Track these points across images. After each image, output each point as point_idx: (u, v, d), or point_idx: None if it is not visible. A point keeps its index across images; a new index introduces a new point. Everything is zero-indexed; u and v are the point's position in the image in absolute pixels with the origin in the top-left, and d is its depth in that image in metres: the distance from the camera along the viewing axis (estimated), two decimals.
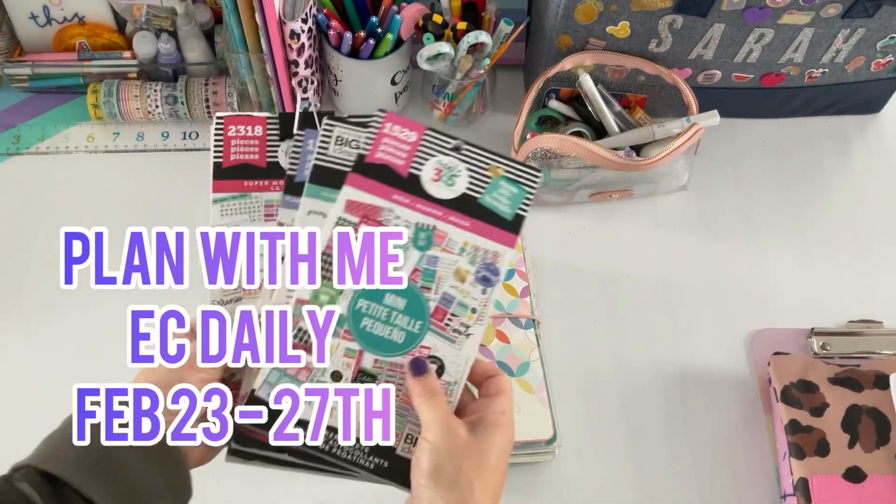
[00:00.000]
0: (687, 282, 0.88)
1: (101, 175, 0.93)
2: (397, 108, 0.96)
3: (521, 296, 0.83)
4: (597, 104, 0.88)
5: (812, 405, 0.75)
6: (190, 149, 0.95)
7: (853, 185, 0.95)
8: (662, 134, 0.86)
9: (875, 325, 0.84)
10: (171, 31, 0.93)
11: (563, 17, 0.83)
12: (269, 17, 0.80)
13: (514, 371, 0.78)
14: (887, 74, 0.92)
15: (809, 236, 0.91)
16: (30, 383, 0.80)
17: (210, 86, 0.93)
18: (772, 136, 0.98)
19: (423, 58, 0.85)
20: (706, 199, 0.93)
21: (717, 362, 0.84)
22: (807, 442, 0.73)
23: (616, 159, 0.82)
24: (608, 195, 0.90)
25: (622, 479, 0.78)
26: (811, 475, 0.72)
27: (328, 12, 0.86)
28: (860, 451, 0.73)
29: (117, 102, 0.93)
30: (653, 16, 0.82)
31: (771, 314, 0.86)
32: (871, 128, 0.99)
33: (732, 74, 0.90)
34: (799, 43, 0.86)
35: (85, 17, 0.94)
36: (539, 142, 0.83)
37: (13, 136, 0.95)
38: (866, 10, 0.81)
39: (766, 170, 0.96)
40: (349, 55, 0.88)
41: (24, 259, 0.87)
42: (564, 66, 0.87)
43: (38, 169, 0.93)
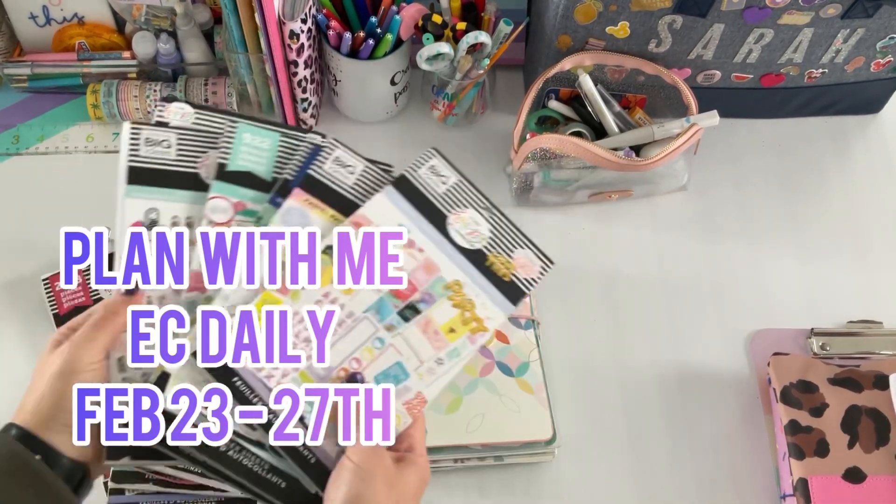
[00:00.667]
0: (687, 282, 0.88)
1: (100, 175, 0.93)
2: (397, 108, 0.96)
3: None
4: (596, 104, 0.88)
5: (812, 405, 0.75)
6: None
7: (853, 185, 0.95)
8: (662, 134, 0.86)
9: (875, 325, 0.84)
10: (170, 31, 0.93)
11: (562, 17, 0.83)
12: (269, 17, 0.80)
13: (514, 371, 0.78)
14: (887, 74, 0.92)
15: (809, 236, 0.91)
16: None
17: (209, 86, 0.93)
18: (771, 136, 0.98)
19: (423, 58, 0.85)
20: (706, 200, 0.93)
21: (716, 362, 0.84)
22: (806, 442, 0.73)
23: (615, 160, 0.82)
24: (608, 195, 0.90)
25: (622, 480, 0.78)
26: (811, 475, 0.72)
27: (327, 12, 0.86)
28: (860, 452, 0.73)
29: (117, 103, 0.93)
30: (652, 16, 0.82)
31: (771, 314, 0.86)
32: (871, 128, 0.99)
33: (732, 74, 0.90)
34: (799, 43, 0.86)
35: (84, 18, 0.94)
36: (539, 142, 0.83)
37: (13, 137, 0.95)
38: (866, 10, 0.81)
39: (765, 170, 0.95)
40: (349, 55, 0.88)
41: (24, 259, 0.87)
42: (564, 67, 0.87)
43: (38, 169, 0.93)
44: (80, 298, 0.83)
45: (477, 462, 0.77)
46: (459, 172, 0.65)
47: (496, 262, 0.63)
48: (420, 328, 0.60)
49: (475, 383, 0.77)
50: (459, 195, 0.64)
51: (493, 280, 0.62)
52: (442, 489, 0.77)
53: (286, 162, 0.63)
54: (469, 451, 0.76)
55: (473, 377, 0.77)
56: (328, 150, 0.63)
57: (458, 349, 0.60)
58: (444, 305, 0.61)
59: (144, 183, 0.60)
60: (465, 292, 0.62)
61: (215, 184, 0.60)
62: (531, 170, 0.86)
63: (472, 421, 0.75)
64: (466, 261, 0.62)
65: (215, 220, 0.59)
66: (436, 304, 0.61)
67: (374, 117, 0.96)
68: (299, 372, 0.57)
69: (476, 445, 0.75)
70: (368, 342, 0.59)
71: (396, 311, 0.60)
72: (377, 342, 0.59)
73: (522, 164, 0.86)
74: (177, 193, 0.60)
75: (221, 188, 0.60)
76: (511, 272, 0.63)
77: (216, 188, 0.60)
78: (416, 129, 0.97)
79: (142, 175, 0.60)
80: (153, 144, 0.61)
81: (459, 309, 0.61)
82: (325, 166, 0.62)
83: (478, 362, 0.78)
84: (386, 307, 0.60)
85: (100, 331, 0.56)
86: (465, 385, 0.77)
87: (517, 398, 0.77)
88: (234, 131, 0.62)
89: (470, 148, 0.95)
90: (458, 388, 0.77)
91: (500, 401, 0.77)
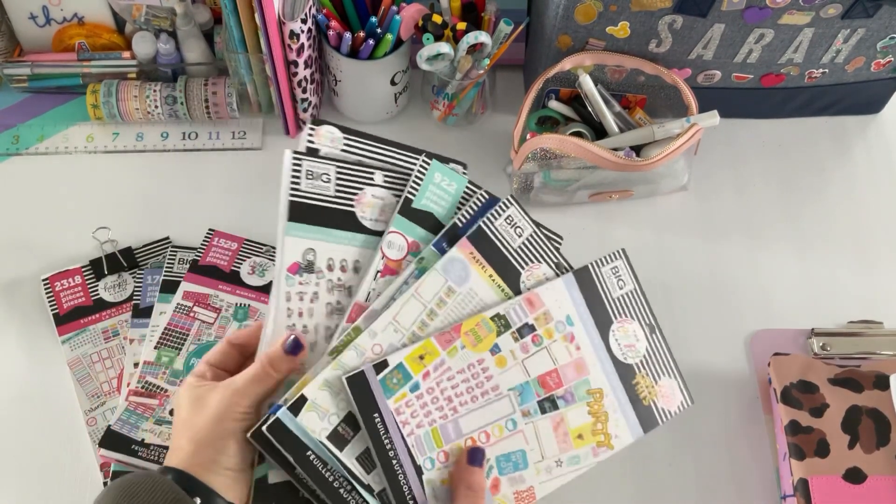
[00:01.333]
0: (687, 282, 0.88)
1: (100, 175, 0.93)
2: (397, 108, 0.96)
3: None
4: (596, 104, 0.88)
5: (812, 406, 0.75)
6: (189, 149, 0.95)
7: (853, 185, 0.95)
8: (662, 134, 0.86)
9: (875, 325, 0.84)
10: (170, 31, 0.93)
11: (562, 17, 0.83)
12: (269, 17, 0.80)
13: None
14: (887, 74, 0.92)
15: (809, 236, 0.91)
16: (29, 383, 0.80)
17: (209, 86, 0.93)
18: (772, 136, 0.98)
19: (423, 58, 0.85)
20: (706, 200, 0.93)
21: (716, 362, 0.84)
22: (807, 442, 0.73)
23: (616, 160, 0.82)
24: (608, 195, 0.90)
25: (622, 479, 0.78)
26: (811, 476, 0.72)
27: (327, 12, 0.86)
28: (860, 452, 0.73)
29: (116, 103, 0.93)
30: (653, 16, 0.82)
31: (771, 314, 0.86)
32: (871, 128, 0.99)
33: (732, 75, 0.90)
34: (799, 43, 0.86)
35: (84, 18, 0.94)
36: (539, 142, 0.83)
37: (12, 137, 0.95)
38: (866, 10, 0.81)
39: (766, 170, 0.95)
40: (349, 55, 0.87)
41: (24, 259, 0.87)
42: (564, 67, 0.87)
43: (38, 169, 0.93)
44: (80, 298, 0.83)
45: None
46: (637, 282, 0.67)
47: (642, 383, 0.64)
48: (552, 424, 0.61)
49: None
50: (631, 304, 0.66)
51: (633, 399, 0.64)
52: None
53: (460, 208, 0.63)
54: None
55: None
56: (503, 207, 0.63)
57: (578, 457, 0.61)
58: (580, 409, 0.62)
59: (304, 220, 0.59)
60: (603, 403, 0.63)
61: (397, 218, 0.60)
62: (531, 170, 0.86)
63: None
64: (615, 373, 0.63)
65: (389, 255, 0.59)
66: (574, 405, 0.62)
67: (374, 117, 0.96)
68: (432, 428, 0.58)
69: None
70: (502, 420, 0.60)
71: (537, 400, 0.61)
72: (510, 423, 0.60)
73: (522, 164, 0.85)
74: (334, 234, 0.60)
75: (401, 224, 0.60)
76: (652, 398, 0.64)
77: (397, 223, 0.60)
78: (416, 129, 0.97)
79: (302, 211, 0.60)
80: (313, 178, 0.61)
81: (593, 418, 0.62)
82: (497, 222, 0.63)
83: None
84: (529, 392, 0.61)
85: (260, 384, 0.57)
86: None
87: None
88: (426, 170, 0.62)
89: (470, 148, 0.95)
90: None
91: None
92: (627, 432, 0.63)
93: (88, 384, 0.79)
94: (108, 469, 0.74)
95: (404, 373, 0.57)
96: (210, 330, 0.80)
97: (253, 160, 0.94)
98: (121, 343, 0.81)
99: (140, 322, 0.81)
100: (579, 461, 0.61)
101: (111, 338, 0.81)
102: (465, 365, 0.59)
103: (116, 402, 0.78)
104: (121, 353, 0.80)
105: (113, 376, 0.79)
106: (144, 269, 0.84)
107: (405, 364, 0.58)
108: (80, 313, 0.82)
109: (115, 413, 0.75)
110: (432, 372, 0.58)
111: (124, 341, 0.80)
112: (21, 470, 0.76)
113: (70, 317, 0.82)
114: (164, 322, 0.80)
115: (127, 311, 0.82)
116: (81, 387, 0.79)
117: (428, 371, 0.58)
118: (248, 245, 0.85)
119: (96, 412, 0.78)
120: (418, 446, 0.57)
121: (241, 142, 0.95)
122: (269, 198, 0.93)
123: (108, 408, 0.78)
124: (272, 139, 0.96)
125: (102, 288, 0.83)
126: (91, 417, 0.77)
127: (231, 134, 0.95)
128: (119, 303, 0.83)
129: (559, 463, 0.60)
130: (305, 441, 0.55)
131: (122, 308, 0.82)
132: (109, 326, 0.82)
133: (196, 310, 0.81)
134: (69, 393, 0.79)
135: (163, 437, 0.74)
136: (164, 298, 0.82)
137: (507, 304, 0.61)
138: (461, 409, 0.59)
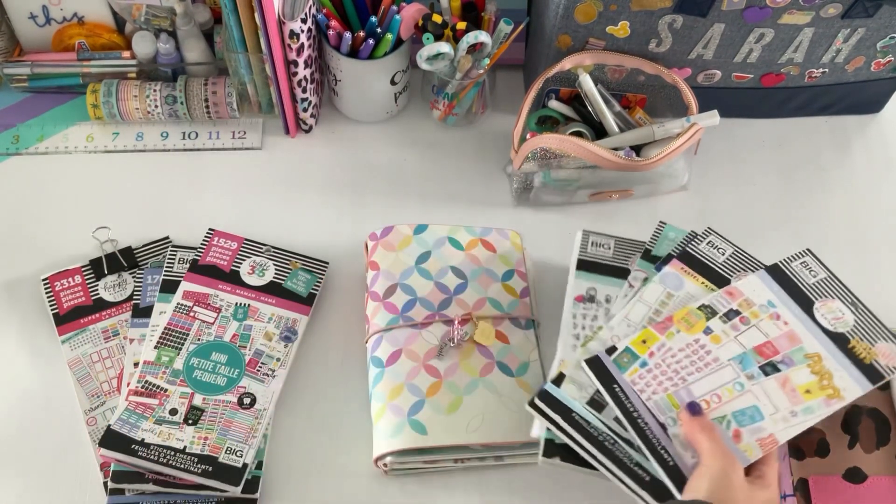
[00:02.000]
0: None
1: (100, 175, 0.93)
2: (397, 108, 0.96)
3: (520, 296, 0.83)
4: (596, 104, 0.88)
5: None
6: (189, 149, 0.95)
7: (853, 184, 0.95)
8: (662, 134, 0.86)
9: None
10: (170, 31, 0.93)
11: (562, 17, 0.83)
12: (269, 17, 0.80)
13: (514, 371, 0.78)
14: (887, 74, 0.92)
15: (809, 236, 0.91)
16: (29, 383, 0.80)
17: (209, 86, 0.93)
18: (772, 135, 0.98)
19: (423, 58, 0.85)
20: (706, 199, 0.93)
21: None
22: (806, 442, 0.73)
23: (616, 159, 0.82)
24: (608, 195, 0.90)
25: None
26: (811, 476, 0.72)
27: (327, 12, 0.86)
28: (860, 452, 0.73)
29: (116, 102, 0.93)
30: (653, 16, 0.82)
31: None
32: (871, 128, 0.99)
33: (732, 74, 0.90)
34: (799, 43, 0.86)
35: (84, 17, 0.94)
36: (539, 142, 0.83)
37: (12, 137, 0.95)
38: (866, 10, 0.81)
39: (766, 169, 0.95)
40: (348, 55, 0.88)
41: (24, 259, 0.87)
42: (564, 66, 0.87)
43: (38, 169, 0.93)
44: (80, 298, 0.83)
45: (477, 462, 0.76)
46: (830, 271, 0.76)
47: (858, 346, 0.71)
48: (778, 383, 0.70)
49: (475, 383, 0.77)
50: (828, 288, 0.75)
51: (854, 360, 0.71)
52: (442, 489, 0.76)
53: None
54: (469, 451, 0.76)
55: (473, 377, 0.77)
56: (704, 235, 0.79)
57: (812, 408, 0.69)
58: (802, 370, 0.70)
59: (588, 270, 0.80)
60: (824, 364, 0.70)
61: (639, 261, 0.79)
62: (531, 169, 0.86)
63: (472, 421, 0.75)
64: (829, 340, 0.72)
65: (632, 283, 0.77)
66: (795, 367, 0.70)
67: (374, 117, 0.96)
68: (667, 394, 0.70)
69: (476, 445, 0.75)
70: (729, 384, 0.70)
71: (758, 366, 0.71)
72: (738, 385, 0.70)
73: (523, 163, 0.85)
74: (610, 280, 0.79)
75: (642, 264, 0.79)
76: (873, 358, 0.71)
77: (639, 264, 0.79)
78: (416, 129, 0.97)
79: (587, 265, 0.80)
80: (597, 246, 0.81)
81: (817, 376, 0.70)
82: (700, 246, 0.79)
83: (478, 362, 0.78)
84: (749, 360, 0.71)
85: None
86: (465, 385, 0.77)
87: (517, 398, 0.77)
88: (661, 230, 0.81)
89: (470, 148, 0.95)
90: (458, 388, 0.77)
91: (500, 401, 0.76)
92: (855, 385, 0.69)
93: (88, 384, 0.79)
94: (108, 469, 0.74)
95: (632, 354, 0.72)
96: (210, 330, 0.80)
97: (253, 160, 0.94)
98: (121, 343, 0.81)
99: (140, 322, 0.81)
100: (813, 411, 0.68)
101: (111, 337, 0.81)
102: (683, 344, 0.72)
103: (116, 402, 0.78)
104: (121, 353, 0.80)
105: (113, 376, 0.79)
106: (144, 268, 0.84)
107: (631, 347, 0.72)
108: (80, 313, 0.82)
109: (115, 413, 0.75)
110: (656, 352, 0.72)
111: (124, 341, 0.81)
112: (21, 469, 0.76)
113: (70, 316, 0.82)
114: (164, 322, 0.80)
115: (127, 311, 0.82)
116: (81, 386, 0.79)
117: (652, 351, 0.72)
118: (248, 245, 0.85)
119: (96, 412, 0.78)
120: (657, 408, 0.69)
121: (241, 141, 0.95)
122: (269, 197, 0.94)
123: (108, 407, 0.78)
124: (272, 139, 0.96)
125: (102, 288, 0.83)
126: (91, 417, 0.78)
127: (231, 134, 0.95)
128: (119, 302, 0.83)
129: (794, 413, 0.68)
130: (569, 405, 0.70)
131: (122, 308, 0.82)
132: (109, 326, 0.82)
133: (196, 309, 0.81)
134: (69, 393, 0.79)
135: (162, 437, 0.74)
136: (164, 298, 0.82)
137: (710, 295, 0.75)
138: (689, 378, 0.70)
